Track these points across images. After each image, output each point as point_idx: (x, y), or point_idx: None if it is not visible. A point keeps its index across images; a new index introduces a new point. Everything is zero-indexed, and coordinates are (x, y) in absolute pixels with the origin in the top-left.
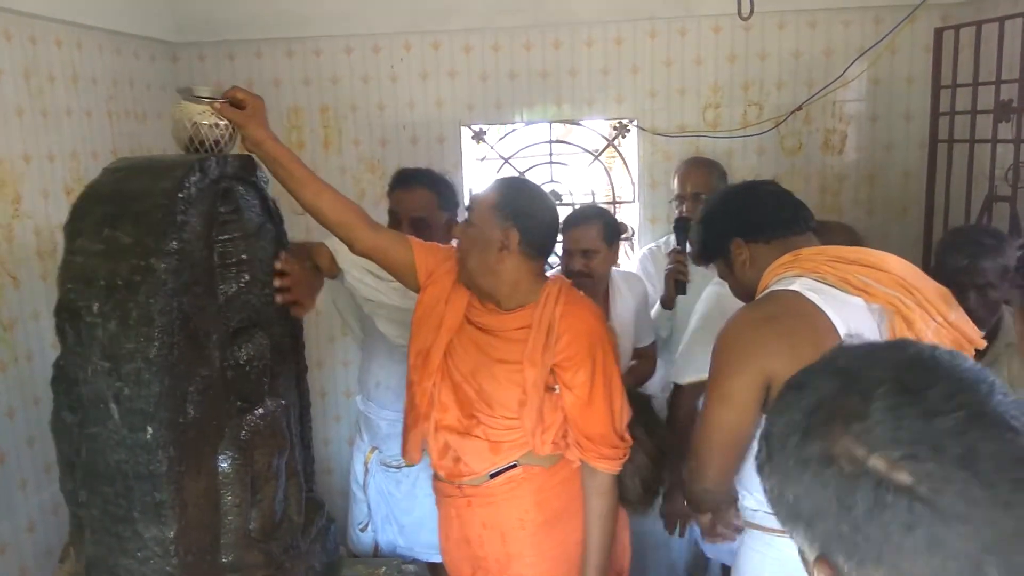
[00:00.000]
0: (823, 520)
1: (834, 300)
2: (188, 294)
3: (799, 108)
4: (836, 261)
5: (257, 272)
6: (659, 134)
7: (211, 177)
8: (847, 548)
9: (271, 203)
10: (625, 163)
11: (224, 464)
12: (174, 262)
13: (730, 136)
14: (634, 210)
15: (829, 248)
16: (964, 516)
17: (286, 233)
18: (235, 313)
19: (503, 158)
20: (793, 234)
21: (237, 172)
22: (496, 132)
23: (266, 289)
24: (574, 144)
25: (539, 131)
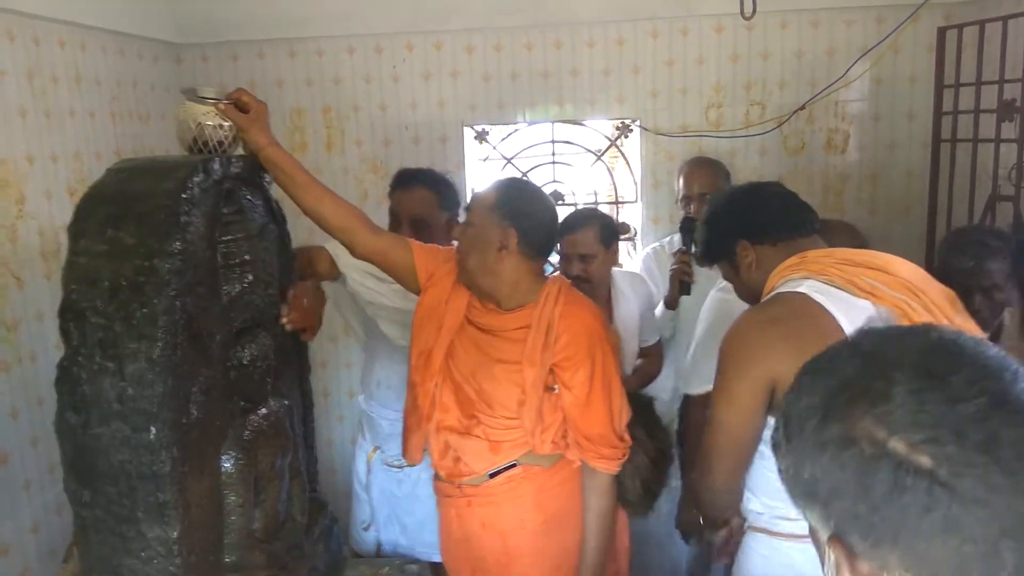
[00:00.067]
0: (840, 500)
1: (841, 302)
2: (191, 295)
3: (802, 108)
4: (843, 263)
5: (260, 273)
6: (662, 134)
7: (214, 178)
8: (863, 529)
9: (275, 204)
10: (628, 163)
11: (227, 464)
12: (177, 263)
13: (732, 136)
14: (637, 210)
15: (836, 250)
16: (983, 501)
17: (289, 233)
18: (238, 314)
19: (506, 158)
20: (799, 236)
21: (241, 173)
22: (499, 132)
23: (269, 290)
24: (577, 144)
25: (542, 131)
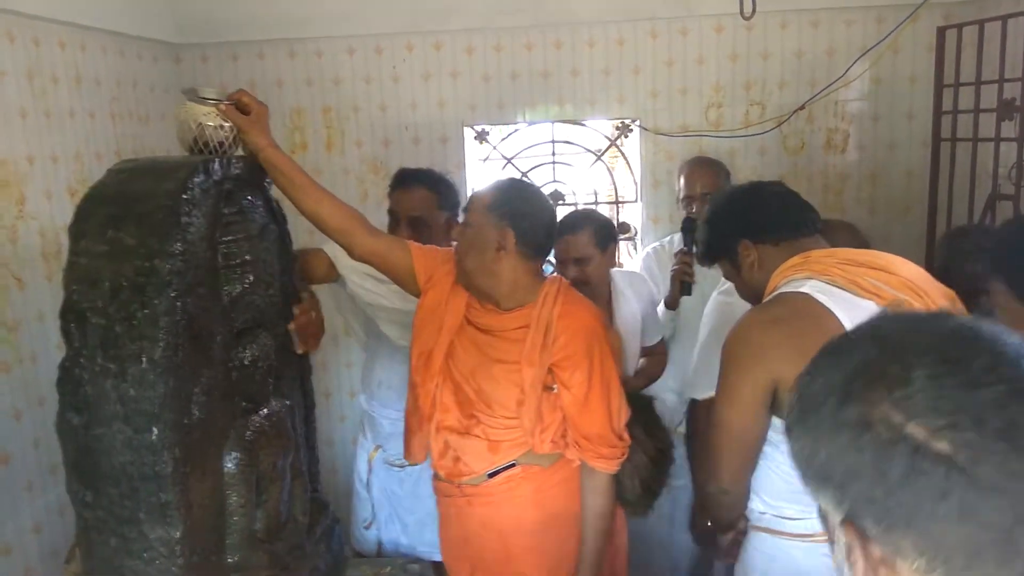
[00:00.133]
0: (855, 483)
1: (844, 302)
2: (192, 295)
3: (801, 107)
4: (846, 264)
5: (261, 273)
6: (661, 134)
7: (215, 178)
8: (877, 512)
9: (275, 204)
10: (628, 163)
11: (229, 465)
12: (178, 263)
13: (732, 136)
14: (637, 210)
15: (839, 250)
16: (1000, 488)
17: (290, 234)
18: (239, 314)
19: (506, 158)
20: (802, 236)
21: (242, 173)
22: (499, 132)
23: (270, 290)
24: (577, 144)
25: (542, 131)
